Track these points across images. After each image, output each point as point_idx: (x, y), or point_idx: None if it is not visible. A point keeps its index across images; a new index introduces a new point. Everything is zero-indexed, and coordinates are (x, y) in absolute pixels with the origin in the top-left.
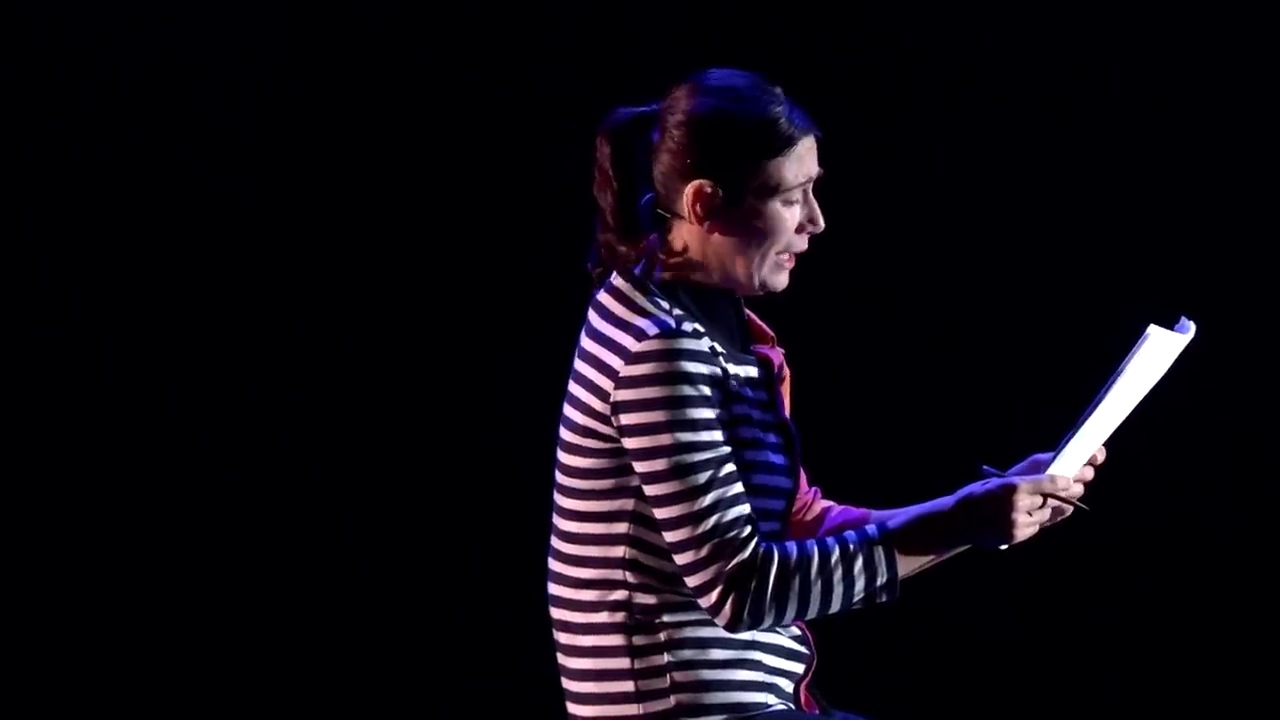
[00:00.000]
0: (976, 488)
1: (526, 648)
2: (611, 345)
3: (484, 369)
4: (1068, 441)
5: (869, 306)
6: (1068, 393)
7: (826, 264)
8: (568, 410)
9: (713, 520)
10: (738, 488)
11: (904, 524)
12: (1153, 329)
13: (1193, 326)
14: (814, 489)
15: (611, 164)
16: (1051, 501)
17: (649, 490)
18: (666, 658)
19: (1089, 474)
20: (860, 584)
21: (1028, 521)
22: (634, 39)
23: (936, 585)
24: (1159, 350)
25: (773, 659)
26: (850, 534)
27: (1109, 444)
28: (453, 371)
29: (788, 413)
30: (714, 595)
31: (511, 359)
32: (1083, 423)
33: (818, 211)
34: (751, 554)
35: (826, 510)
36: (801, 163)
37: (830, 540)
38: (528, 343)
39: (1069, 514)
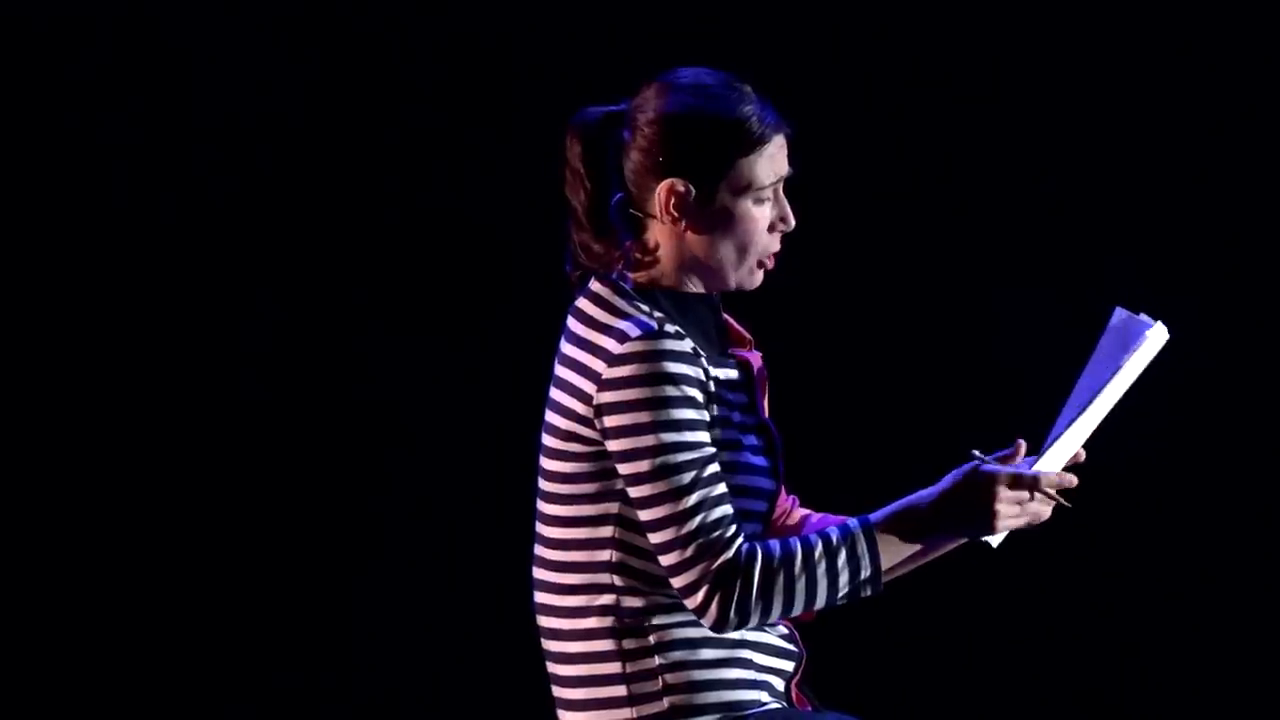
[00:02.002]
0: (960, 479)
1: (517, 655)
2: (593, 349)
3: (471, 372)
4: (1056, 438)
5: (851, 308)
6: (1055, 398)
7: (807, 265)
8: (550, 416)
9: (697, 521)
10: (721, 488)
11: (886, 517)
12: (1140, 324)
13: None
14: (792, 497)
15: (583, 163)
16: (1037, 495)
17: (633, 492)
18: (657, 660)
19: (1072, 480)
20: (844, 578)
21: (1010, 513)
22: (608, 36)
23: (926, 583)
24: (1150, 346)
25: (763, 658)
26: (832, 529)
27: (1089, 446)
28: (440, 375)
29: (767, 415)
30: (699, 596)
31: (494, 364)
32: (1075, 419)
33: (789, 210)
34: (735, 553)
35: (806, 518)
36: (773, 161)
37: (813, 536)
38: (511, 347)
39: (1047, 516)
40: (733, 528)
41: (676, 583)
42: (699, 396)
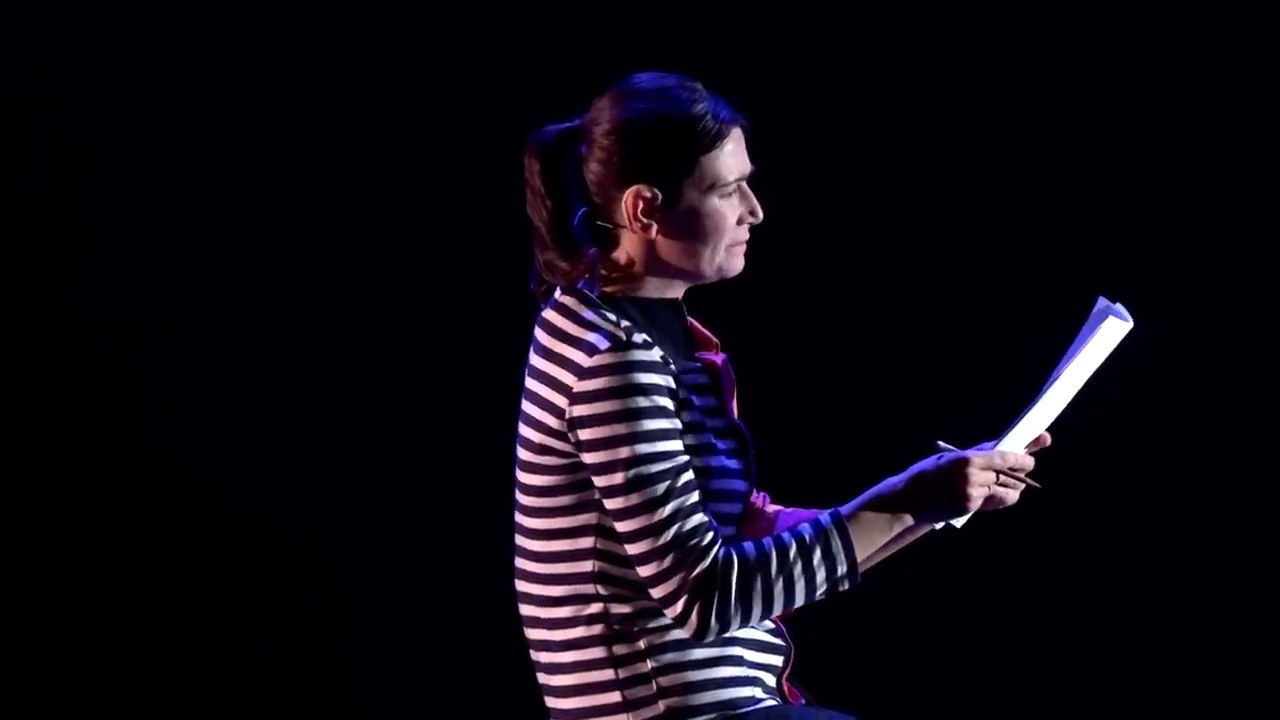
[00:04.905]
0: (929, 464)
1: (517, 656)
2: (563, 361)
3: (471, 371)
4: (1018, 421)
5: (815, 304)
6: (1018, 385)
7: (771, 261)
8: (523, 429)
9: (673, 531)
10: (696, 496)
11: (857, 508)
12: (1107, 313)
13: (1130, 318)
14: (762, 494)
15: (542, 181)
16: (1004, 477)
17: (609, 504)
18: (649, 664)
19: (1031, 461)
20: (821, 575)
21: (982, 495)
22: (607, 36)
23: (916, 575)
24: (1109, 332)
25: (754, 654)
26: (805, 526)
27: (1054, 430)
28: (440, 374)
29: (736, 415)
30: (679, 605)
31: (495, 363)
32: (1035, 403)
33: (756, 203)
34: (712, 561)
35: (777, 514)
36: (735, 155)
37: (786, 535)
38: (512, 344)
39: (1015, 498)
40: (709, 535)
41: (655, 593)
42: (669, 405)
